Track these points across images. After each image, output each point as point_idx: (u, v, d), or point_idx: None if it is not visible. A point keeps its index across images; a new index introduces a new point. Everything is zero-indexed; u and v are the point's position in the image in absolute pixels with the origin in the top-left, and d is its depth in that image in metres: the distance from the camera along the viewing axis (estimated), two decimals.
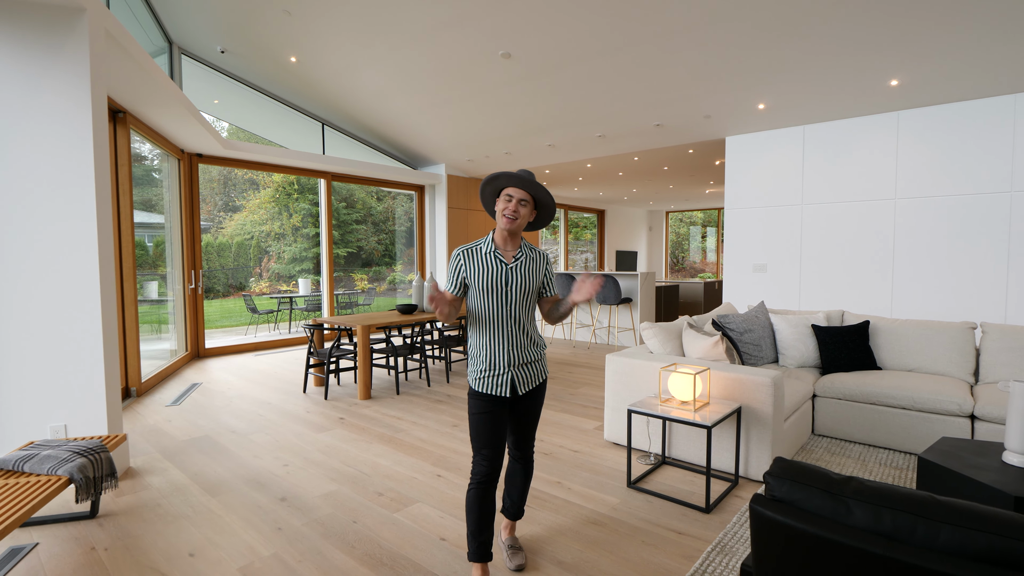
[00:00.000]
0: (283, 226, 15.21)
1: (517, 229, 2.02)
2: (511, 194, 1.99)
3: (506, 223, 1.98)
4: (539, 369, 2.13)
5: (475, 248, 2.05)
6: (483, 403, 2.02)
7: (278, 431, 3.94)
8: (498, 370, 2.02)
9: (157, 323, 6.31)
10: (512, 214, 1.98)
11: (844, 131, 5.69)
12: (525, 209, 2.00)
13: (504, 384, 2.02)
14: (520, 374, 2.05)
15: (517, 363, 2.04)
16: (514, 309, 2.02)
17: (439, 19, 4.65)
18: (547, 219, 2.13)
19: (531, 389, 2.10)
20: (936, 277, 5.21)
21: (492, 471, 2.00)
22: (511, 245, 2.05)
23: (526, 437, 2.20)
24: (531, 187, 1.99)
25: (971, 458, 2.44)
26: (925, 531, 1.04)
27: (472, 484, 2.01)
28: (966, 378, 3.69)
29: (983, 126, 4.92)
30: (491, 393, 2.02)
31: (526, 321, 2.07)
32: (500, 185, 2.02)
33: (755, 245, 6.38)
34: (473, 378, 2.06)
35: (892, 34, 4.10)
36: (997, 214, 4.89)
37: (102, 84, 3.01)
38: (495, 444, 2.02)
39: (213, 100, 6.77)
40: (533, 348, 2.09)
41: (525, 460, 2.24)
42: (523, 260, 2.05)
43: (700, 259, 18.85)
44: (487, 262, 2.02)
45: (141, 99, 4.49)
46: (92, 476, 2.43)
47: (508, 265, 2.02)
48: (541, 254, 2.13)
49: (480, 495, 2.00)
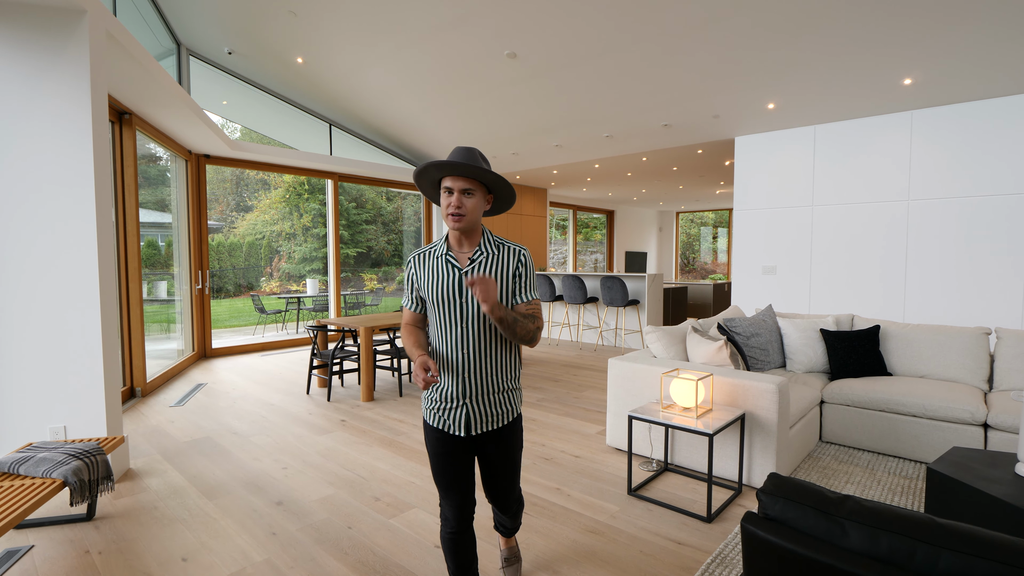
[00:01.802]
0: (293, 226, 15.31)
1: (468, 226, 1.63)
2: (449, 186, 1.60)
3: (453, 222, 1.60)
4: (506, 406, 1.72)
5: (427, 252, 1.70)
6: (436, 440, 1.70)
7: (279, 433, 3.94)
8: (450, 402, 1.66)
9: (165, 322, 6.36)
10: (456, 210, 1.59)
11: (856, 131, 5.57)
12: (472, 200, 1.60)
13: (457, 420, 1.66)
14: (477, 409, 1.67)
15: (475, 395, 1.66)
16: (471, 325, 1.63)
17: (444, 18, 4.63)
18: (507, 201, 1.72)
19: (493, 430, 1.71)
20: (950, 281, 5.08)
21: (462, 520, 1.72)
22: (466, 244, 1.67)
23: (499, 489, 1.82)
24: (470, 172, 1.57)
25: (983, 470, 2.36)
26: (924, 556, 0.99)
27: (443, 533, 1.75)
28: (980, 385, 3.58)
29: (999, 126, 4.79)
30: (442, 429, 1.69)
31: (488, 341, 1.66)
32: (433, 177, 1.64)
33: (764, 247, 6.27)
34: (425, 407, 1.73)
35: (905, 32, 3.99)
36: (1013, 216, 4.75)
37: (103, 85, 3.01)
38: (459, 489, 1.70)
39: (222, 101, 6.81)
40: (501, 377, 1.69)
41: (508, 513, 1.94)
42: (483, 261, 1.66)
43: (712, 260, 18.68)
44: (438, 267, 1.66)
45: (146, 100, 4.51)
46: (87, 479, 2.43)
47: (462, 270, 1.64)
48: (513, 250, 1.69)
49: (452, 544, 1.73)
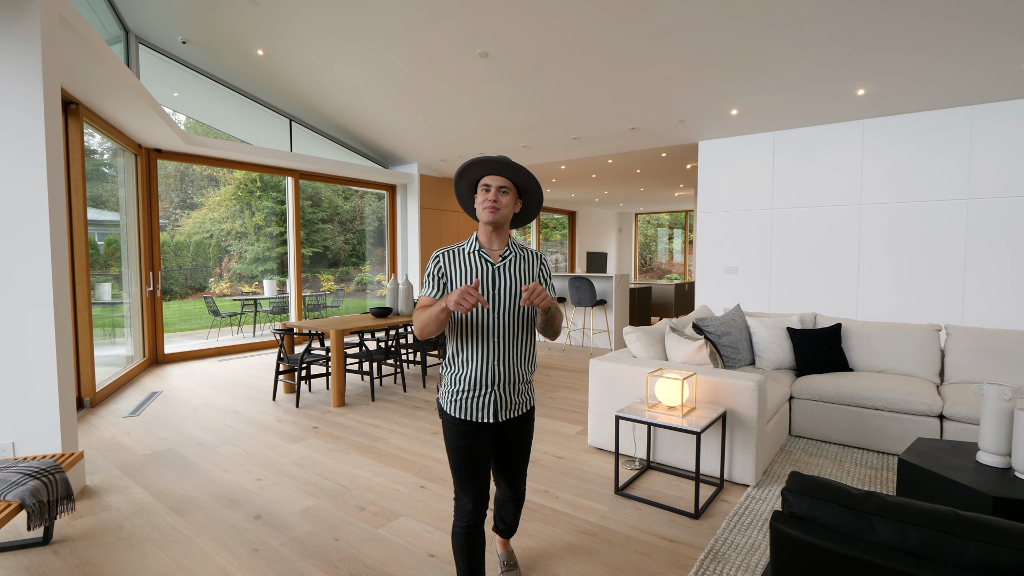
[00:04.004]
0: (245, 225, 14.69)
1: (501, 221, 1.76)
2: (488, 183, 1.75)
3: (488, 214, 1.73)
4: (526, 395, 1.86)
5: (456, 249, 1.80)
6: (460, 433, 1.77)
7: (248, 442, 3.75)
8: (479, 391, 1.75)
9: (111, 327, 5.96)
10: (492, 203, 1.73)
11: (813, 138, 5.85)
12: (507, 197, 1.75)
13: (485, 407, 1.76)
14: (504, 397, 1.78)
15: (503, 383, 1.77)
16: (502, 317, 1.75)
17: (416, 16, 4.54)
18: (535, 209, 1.87)
19: (516, 417, 1.84)
20: (898, 280, 5.41)
21: (478, 513, 1.79)
22: (497, 242, 1.80)
23: (515, 474, 1.95)
24: (511, 171, 1.74)
25: (947, 459, 2.51)
26: (952, 549, 1.03)
27: (458, 528, 1.79)
28: (932, 379, 3.82)
29: (942, 136, 5.14)
30: (468, 419, 1.76)
31: (517, 332, 1.79)
32: (474, 176, 1.79)
33: (727, 248, 6.49)
34: (447, 400, 1.78)
35: (860, 46, 4.22)
36: (954, 221, 5.11)
37: (55, 72, 2.78)
38: (479, 482, 1.77)
39: (172, 93, 6.44)
40: (525, 367, 1.83)
41: (517, 499, 2.03)
42: (512, 259, 1.80)
43: (667, 260, 19.23)
44: (470, 262, 1.76)
45: (96, 90, 4.21)
46: (46, 500, 2.23)
47: (495, 265, 1.77)
48: (534, 253, 1.86)
49: (467, 538, 1.79)
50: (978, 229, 5.00)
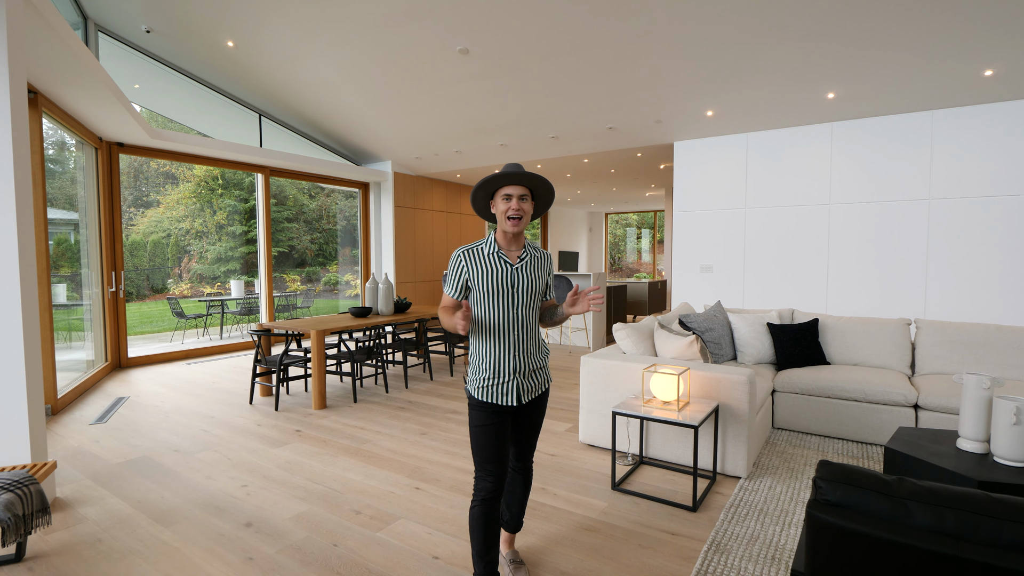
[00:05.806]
0: (206, 223, 14.16)
1: (523, 228, 1.92)
2: (510, 192, 1.88)
3: (512, 225, 1.88)
4: (544, 376, 2.05)
5: (476, 248, 1.93)
6: (486, 415, 1.92)
7: (228, 448, 3.60)
8: (502, 378, 1.92)
9: (67, 330, 5.63)
10: (516, 213, 1.87)
11: (784, 139, 6.03)
12: (527, 204, 1.92)
13: (509, 393, 1.92)
14: (525, 382, 1.95)
15: (523, 370, 1.94)
16: (520, 313, 1.92)
17: (395, 9, 4.45)
18: (545, 207, 2.06)
19: (535, 397, 2.02)
20: (866, 276, 5.64)
21: (497, 486, 1.92)
22: (515, 245, 1.95)
23: (528, 448, 2.12)
24: (528, 180, 1.89)
25: (930, 446, 2.62)
26: (989, 529, 1.07)
27: (476, 501, 1.91)
28: (904, 370, 3.99)
29: (906, 139, 5.38)
30: (495, 403, 1.91)
31: (532, 325, 1.97)
32: (494, 188, 1.92)
33: (701, 247, 6.63)
34: (475, 387, 1.94)
35: (832, 50, 4.37)
36: (917, 220, 5.36)
37: (21, 59, 2.60)
38: (499, 458, 1.92)
39: (134, 85, 6.13)
40: (539, 354, 2.00)
41: (525, 471, 2.15)
42: (528, 260, 1.96)
43: (635, 259, 19.56)
44: (491, 263, 1.91)
45: (58, 79, 3.96)
46: (21, 514, 2.08)
47: (513, 266, 1.92)
48: (545, 254, 2.03)
49: (485, 512, 1.90)
50: (939, 228, 5.26)
